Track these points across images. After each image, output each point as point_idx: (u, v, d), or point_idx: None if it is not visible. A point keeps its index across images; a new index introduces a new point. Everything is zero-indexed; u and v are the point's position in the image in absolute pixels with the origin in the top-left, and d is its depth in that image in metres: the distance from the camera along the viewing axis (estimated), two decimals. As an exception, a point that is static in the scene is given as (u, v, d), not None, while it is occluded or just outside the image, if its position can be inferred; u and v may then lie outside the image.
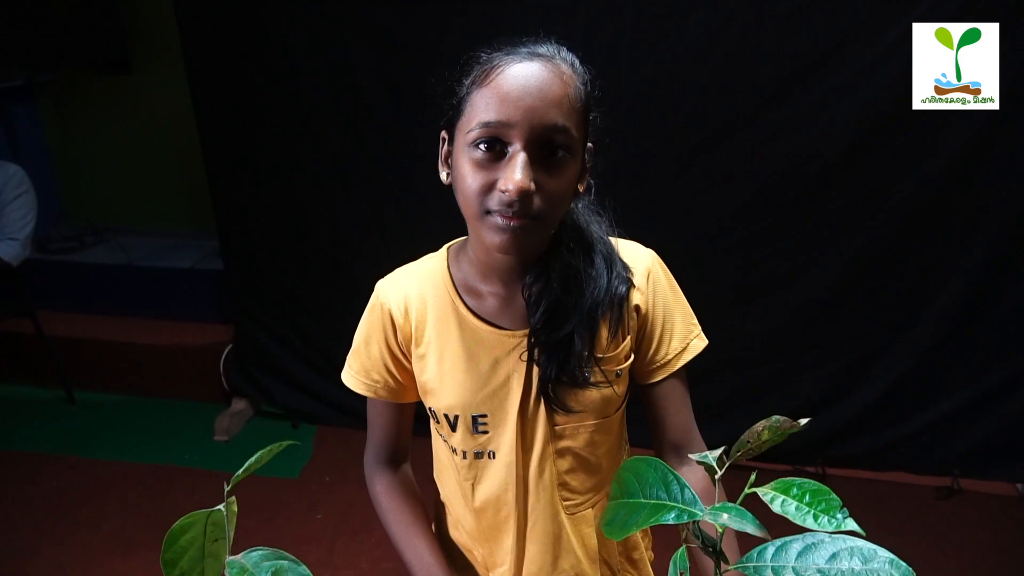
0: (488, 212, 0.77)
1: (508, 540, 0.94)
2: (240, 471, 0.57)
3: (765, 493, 0.54)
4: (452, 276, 0.91)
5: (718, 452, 0.61)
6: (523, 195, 0.74)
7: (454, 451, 0.93)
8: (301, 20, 2.37)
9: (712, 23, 2.12)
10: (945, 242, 2.25)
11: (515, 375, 0.88)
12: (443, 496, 1.03)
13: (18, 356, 3.14)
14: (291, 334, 2.81)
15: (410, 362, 0.93)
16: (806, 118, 2.18)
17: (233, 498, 0.58)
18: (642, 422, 1.00)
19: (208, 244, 3.27)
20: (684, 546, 0.58)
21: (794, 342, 2.44)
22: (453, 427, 0.91)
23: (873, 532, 0.52)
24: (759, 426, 0.58)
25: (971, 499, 2.46)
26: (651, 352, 0.91)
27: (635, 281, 0.89)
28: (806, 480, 0.53)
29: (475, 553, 1.00)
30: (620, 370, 0.89)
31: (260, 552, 0.57)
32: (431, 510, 1.06)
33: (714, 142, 2.26)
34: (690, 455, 0.64)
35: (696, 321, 0.94)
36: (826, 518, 0.52)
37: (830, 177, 2.23)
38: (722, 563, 0.60)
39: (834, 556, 0.59)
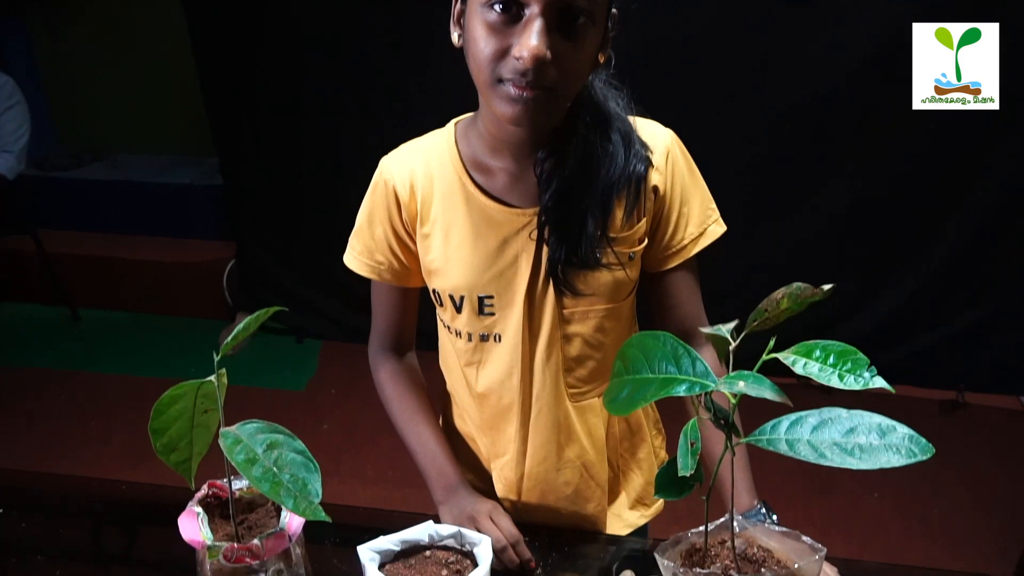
0: (500, 81, 0.71)
1: (511, 428, 0.92)
2: (229, 338, 0.55)
3: (786, 357, 0.51)
4: (460, 152, 0.86)
5: (731, 324, 0.58)
6: (538, 64, 0.69)
7: (458, 334, 0.90)
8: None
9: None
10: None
11: (524, 255, 0.84)
12: (448, 386, 1.01)
13: (22, 275, 3.13)
14: (293, 252, 2.80)
15: (415, 242, 0.90)
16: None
17: (223, 370, 0.55)
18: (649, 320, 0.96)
19: (208, 161, 3.20)
20: (695, 418, 0.56)
21: (805, 265, 2.43)
22: (459, 309, 0.88)
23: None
24: (779, 293, 0.54)
25: (976, 412, 2.47)
26: (667, 237, 0.87)
27: (653, 161, 0.84)
28: (831, 342, 0.50)
29: (479, 444, 0.98)
30: (633, 253, 0.86)
31: (255, 424, 0.55)
32: (438, 402, 1.04)
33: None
34: (701, 328, 0.61)
35: (715, 206, 0.89)
36: (852, 377, 0.48)
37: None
38: (734, 436, 0.57)
39: (851, 431, 0.56)
